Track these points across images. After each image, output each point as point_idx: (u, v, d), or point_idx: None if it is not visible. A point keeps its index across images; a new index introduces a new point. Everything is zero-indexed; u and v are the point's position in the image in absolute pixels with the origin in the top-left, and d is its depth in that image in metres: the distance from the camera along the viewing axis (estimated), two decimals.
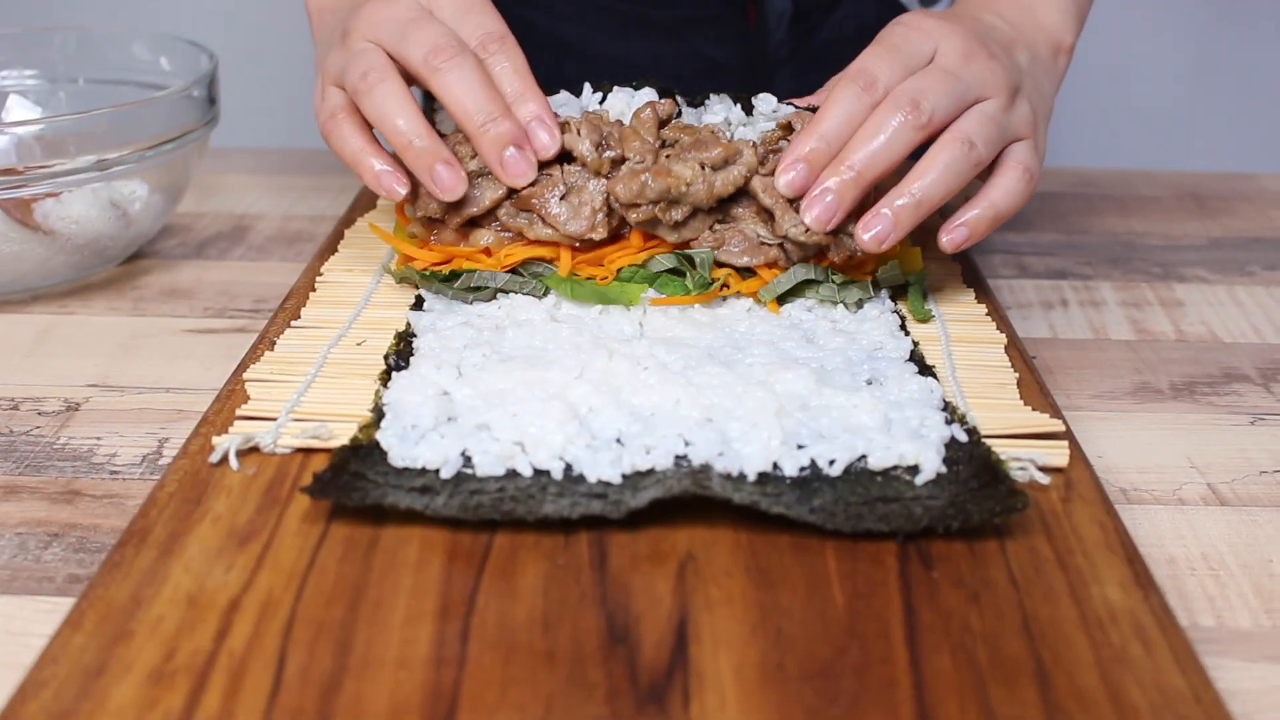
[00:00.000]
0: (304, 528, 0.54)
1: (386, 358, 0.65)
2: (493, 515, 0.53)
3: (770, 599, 0.50)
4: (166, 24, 1.00)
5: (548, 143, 0.70)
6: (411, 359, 0.65)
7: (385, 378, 0.63)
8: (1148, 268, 0.88)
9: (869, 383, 0.64)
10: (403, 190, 0.70)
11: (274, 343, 0.68)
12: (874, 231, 0.68)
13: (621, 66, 1.05)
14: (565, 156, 0.71)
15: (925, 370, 0.65)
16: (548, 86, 0.72)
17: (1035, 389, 0.65)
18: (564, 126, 0.71)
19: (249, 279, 0.84)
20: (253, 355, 0.67)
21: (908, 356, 0.67)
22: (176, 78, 0.88)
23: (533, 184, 0.70)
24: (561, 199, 0.70)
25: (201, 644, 0.47)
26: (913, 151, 0.69)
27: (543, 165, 0.71)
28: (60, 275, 0.81)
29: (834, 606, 0.50)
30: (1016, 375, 0.66)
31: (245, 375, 0.64)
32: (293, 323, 0.70)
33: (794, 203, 0.70)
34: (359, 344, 0.67)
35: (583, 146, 0.71)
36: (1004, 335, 0.71)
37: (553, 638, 0.48)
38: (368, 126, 0.72)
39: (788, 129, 0.72)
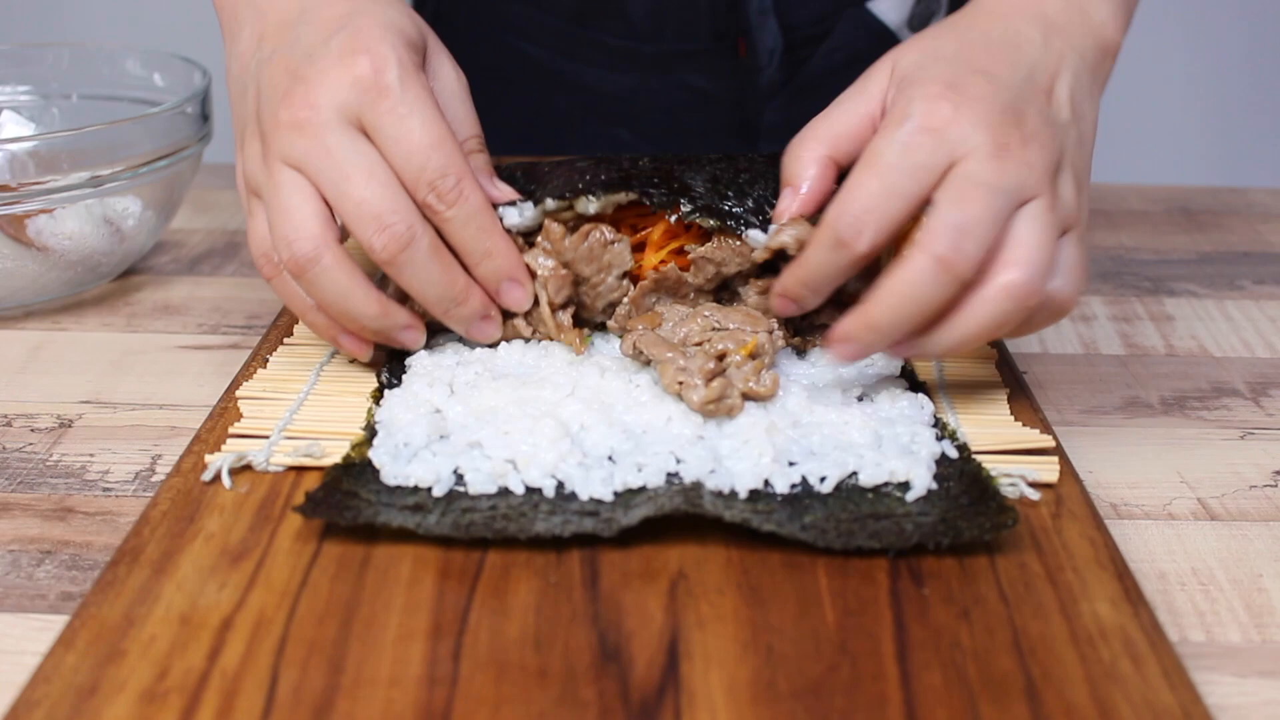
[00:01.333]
0: (296, 546, 0.54)
1: (379, 375, 0.65)
2: (485, 534, 0.53)
3: (761, 616, 0.50)
4: (160, 40, 1.00)
5: (520, 299, 0.66)
6: (403, 377, 0.65)
7: (377, 395, 0.64)
8: (1138, 282, 0.88)
9: (860, 399, 0.64)
10: (367, 355, 0.65)
11: (266, 360, 0.68)
12: (843, 352, 0.61)
13: (613, 99, 1.05)
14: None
15: (916, 386, 0.66)
16: (540, 119, 0.70)
17: (1026, 405, 0.66)
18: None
19: (242, 295, 0.84)
20: (245, 373, 0.67)
21: (899, 373, 0.67)
22: (170, 94, 0.88)
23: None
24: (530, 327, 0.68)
25: (194, 663, 0.47)
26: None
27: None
28: (53, 291, 0.81)
29: (825, 624, 0.50)
30: (1007, 391, 0.66)
31: (238, 393, 0.64)
32: (285, 340, 0.70)
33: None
34: (351, 361, 0.68)
35: (543, 295, 0.66)
36: (994, 351, 0.71)
37: (545, 656, 0.48)
38: None
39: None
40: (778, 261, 0.65)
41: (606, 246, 0.66)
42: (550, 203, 0.65)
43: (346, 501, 0.55)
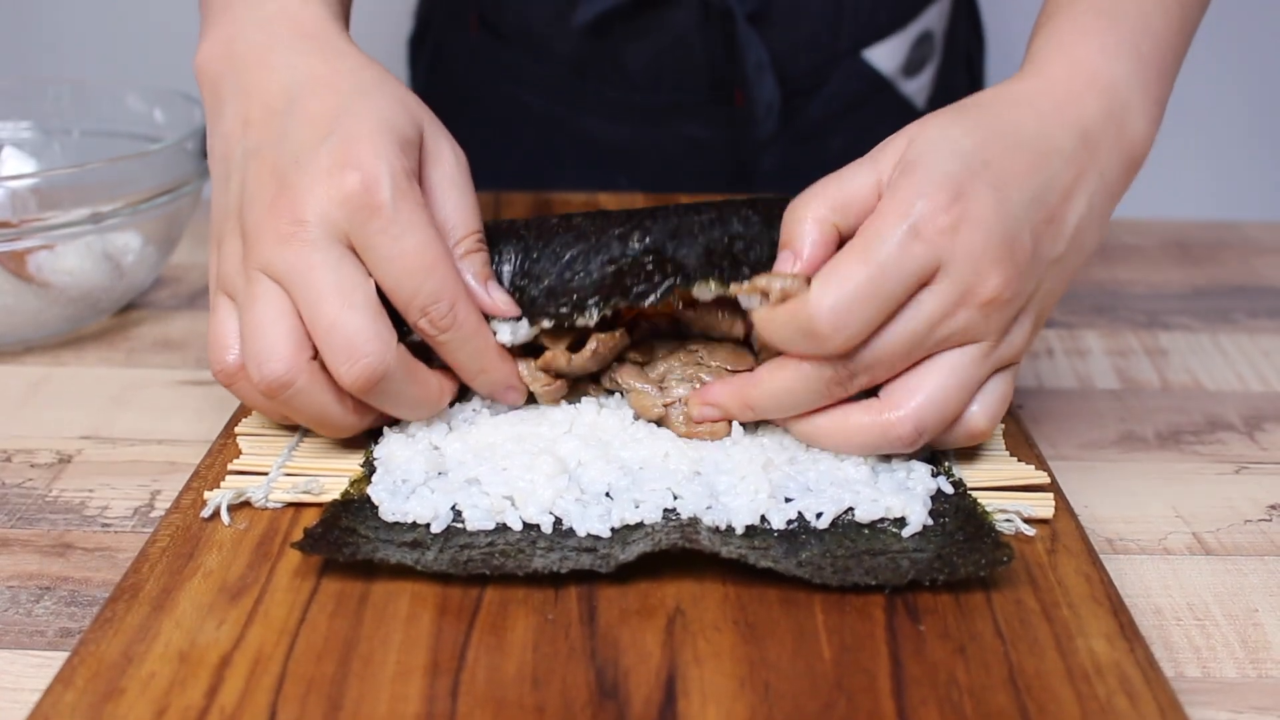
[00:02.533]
0: (295, 583, 0.54)
1: None
2: (483, 570, 0.54)
3: (758, 653, 0.50)
4: (160, 76, 1.00)
5: (515, 400, 0.64)
6: None
7: (375, 432, 0.64)
8: (1133, 316, 0.89)
9: None
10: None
11: None
12: (704, 414, 0.63)
13: (610, 147, 1.06)
14: None
15: None
16: (538, 162, 0.67)
17: (1021, 440, 0.66)
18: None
19: None
20: (244, 409, 0.67)
21: None
22: (170, 130, 0.89)
23: None
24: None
25: (193, 701, 0.47)
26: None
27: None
28: (53, 327, 0.81)
29: (821, 660, 0.50)
30: (1002, 426, 0.67)
31: (237, 429, 0.65)
32: None
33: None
34: None
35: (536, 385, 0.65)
36: None
37: (542, 693, 0.48)
38: None
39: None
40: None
41: (610, 347, 0.64)
42: (546, 323, 0.63)
43: (345, 538, 0.55)
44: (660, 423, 0.64)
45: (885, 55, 1.04)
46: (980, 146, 0.59)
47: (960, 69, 1.14)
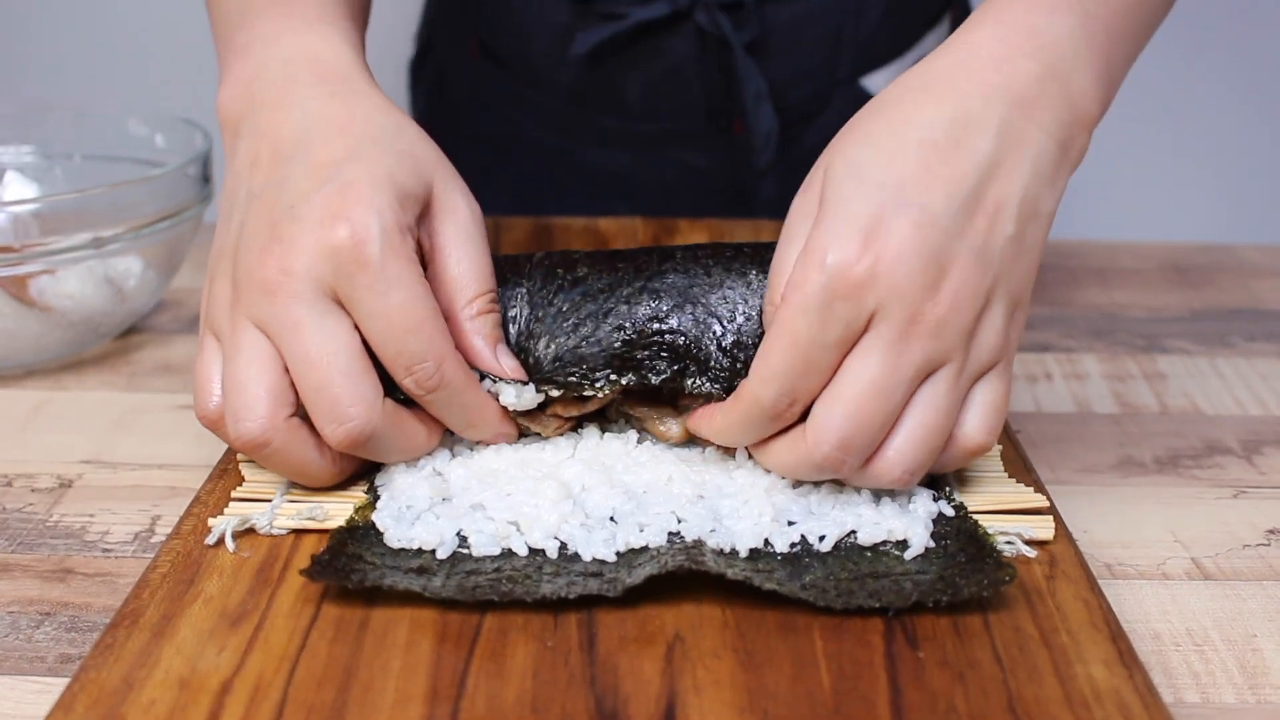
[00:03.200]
0: (295, 609, 0.54)
1: None
2: (491, 596, 0.54)
3: (757, 681, 0.50)
4: (162, 101, 1.01)
5: (507, 441, 0.64)
6: None
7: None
8: (1130, 340, 0.89)
9: None
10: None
11: None
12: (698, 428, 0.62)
13: (609, 174, 1.06)
14: None
15: None
16: (538, 188, 0.67)
17: (1019, 464, 0.66)
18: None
19: None
20: None
21: None
22: (172, 155, 0.89)
23: None
24: None
25: None
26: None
27: None
28: (54, 351, 0.81)
29: (820, 688, 0.50)
30: (1000, 449, 0.67)
31: (239, 455, 0.65)
32: None
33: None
34: None
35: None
36: None
37: None
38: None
39: None
40: None
41: (615, 393, 0.64)
42: (554, 392, 0.62)
43: (352, 565, 0.55)
44: (672, 441, 0.64)
45: (884, 83, 1.05)
46: (891, 163, 0.57)
47: None
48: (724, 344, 0.63)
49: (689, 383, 0.62)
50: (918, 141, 0.57)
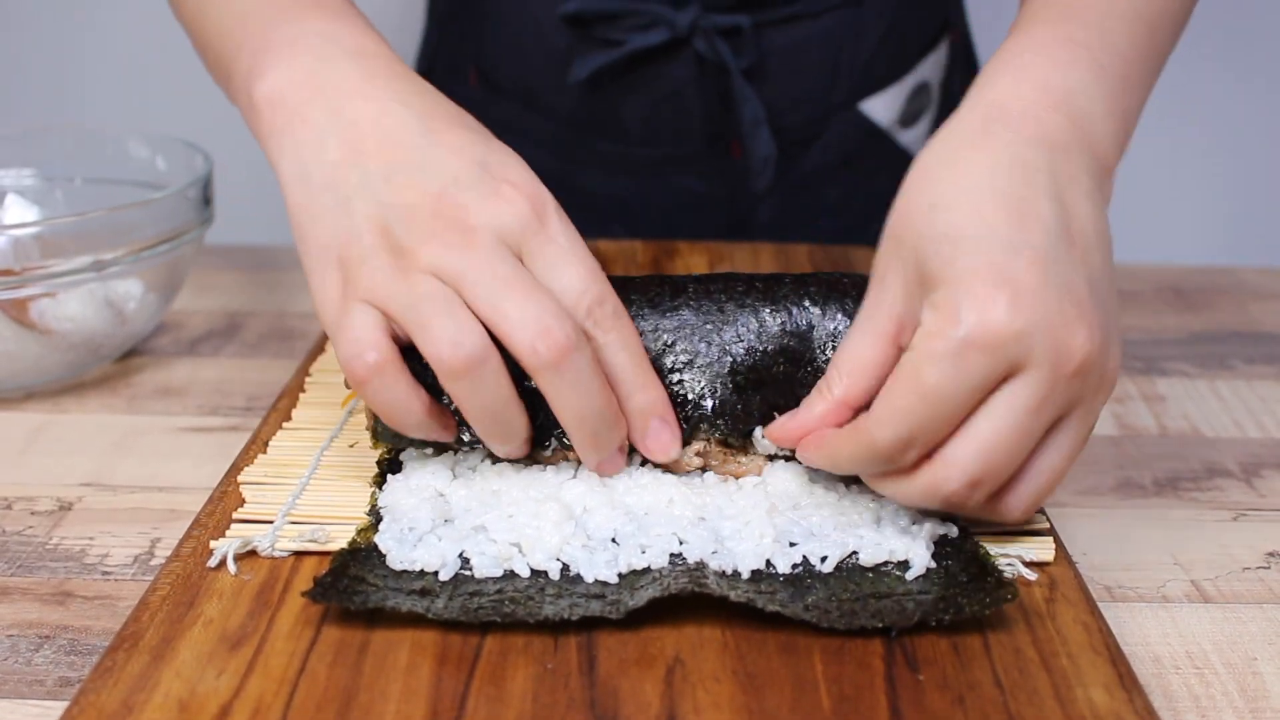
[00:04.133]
0: (295, 631, 0.54)
1: (379, 462, 0.66)
2: (494, 618, 0.54)
3: (758, 703, 0.50)
4: (162, 124, 1.01)
5: (668, 444, 0.62)
6: (404, 460, 0.65)
7: (380, 480, 0.64)
8: (1130, 362, 0.89)
9: (859, 481, 0.64)
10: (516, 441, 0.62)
11: (266, 444, 0.68)
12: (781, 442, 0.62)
13: (608, 199, 1.07)
14: None
15: None
16: None
17: None
18: None
19: (242, 376, 0.84)
20: (245, 457, 0.67)
21: None
22: (172, 177, 0.90)
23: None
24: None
25: None
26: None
27: None
28: (54, 373, 0.81)
29: (820, 710, 0.50)
30: None
31: (239, 478, 0.65)
32: (284, 424, 0.71)
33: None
34: (351, 445, 0.68)
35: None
36: None
37: None
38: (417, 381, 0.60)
39: None
40: None
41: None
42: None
43: (354, 586, 0.55)
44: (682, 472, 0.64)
45: (882, 107, 1.05)
46: (977, 216, 0.57)
47: None
48: (735, 385, 0.63)
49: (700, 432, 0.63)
50: (989, 190, 0.57)
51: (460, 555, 0.58)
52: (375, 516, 0.61)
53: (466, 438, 0.62)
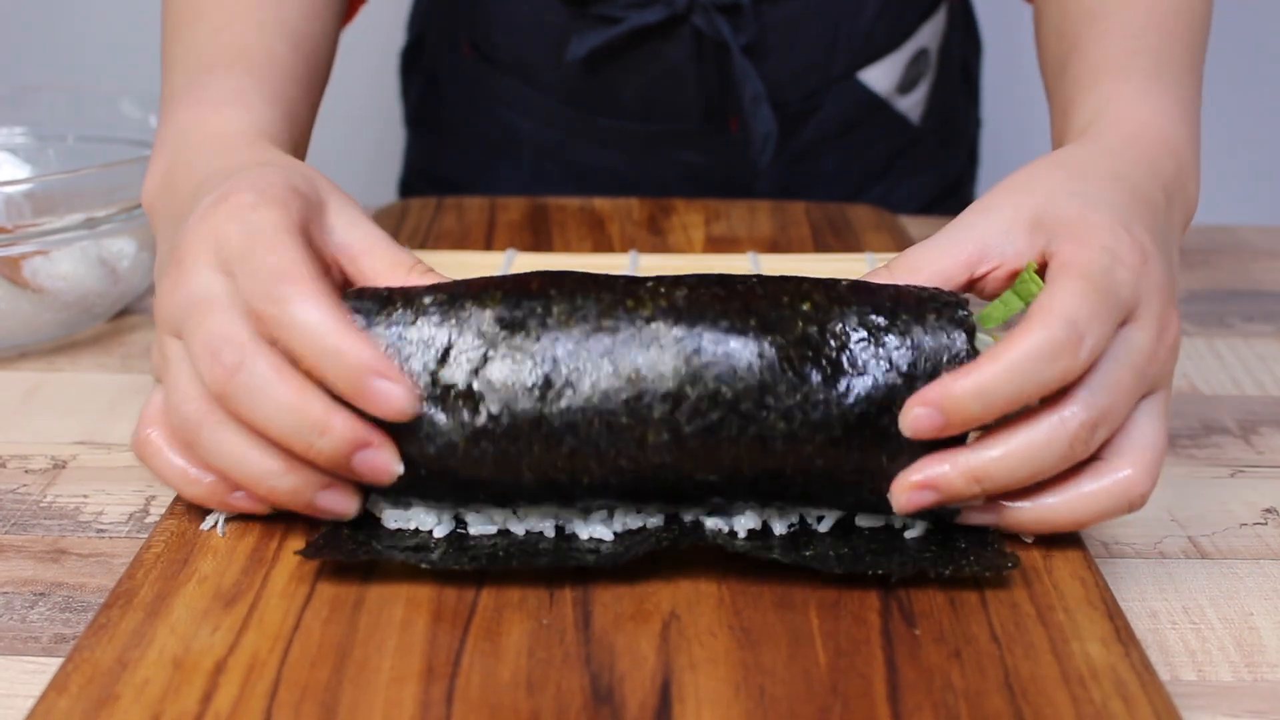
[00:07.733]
0: (290, 588, 0.54)
1: None
2: (489, 565, 0.54)
3: (753, 658, 0.50)
4: (154, 82, 1.01)
5: (398, 395, 0.52)
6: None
7: None
8: None
9: None
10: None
11: None
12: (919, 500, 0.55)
13: (605, 172, 1.06)
14: None
15: None
16: (531, 186, 0.63)
17: None
18: None
19: None
20: None
21: None
22: None
23: None
24: None
25: (187, 707, 0.47)
26: None
27: None
28: (48, 332, 0.81)
29: (817, 665, 0.50)
30: None
31: None
32: None
33: None
34: None
35: None
36: None
37: (537, 699, 0.48)
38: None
39: None
40: None
41: None
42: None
43: (348, 544, 0.55)
44: None
45: (880, 76, 1.04)
46: (1101, 192, 0.59)
47: (956, 79, 1.14)
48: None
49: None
50: (1131, 189, 0.60)
51: (455, 517, 0.57)
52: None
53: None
